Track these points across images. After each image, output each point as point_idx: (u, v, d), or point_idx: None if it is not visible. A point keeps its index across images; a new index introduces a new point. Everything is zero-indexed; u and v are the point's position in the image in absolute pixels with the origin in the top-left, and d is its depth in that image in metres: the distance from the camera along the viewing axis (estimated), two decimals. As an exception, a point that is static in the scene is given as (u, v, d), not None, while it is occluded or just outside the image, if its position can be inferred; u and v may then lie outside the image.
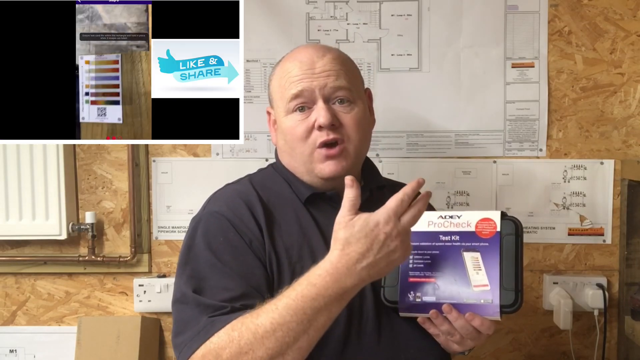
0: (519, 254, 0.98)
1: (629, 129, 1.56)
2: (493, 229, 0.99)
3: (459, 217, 1.02)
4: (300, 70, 1.08)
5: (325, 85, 1.07)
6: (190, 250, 1.04)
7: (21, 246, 1.66)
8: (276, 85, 1.13)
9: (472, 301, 0.96)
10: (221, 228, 1.03)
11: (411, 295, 0.99)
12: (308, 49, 1.12)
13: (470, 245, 0.99)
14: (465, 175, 1.59)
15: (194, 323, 0.94)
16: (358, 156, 1.12)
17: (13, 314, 1.68)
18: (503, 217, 1.01)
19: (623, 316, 1.54)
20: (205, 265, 1.01)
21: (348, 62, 1.13)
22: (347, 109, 1.09)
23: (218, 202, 1.09)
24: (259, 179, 1.15)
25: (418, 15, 1.57)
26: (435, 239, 1.01)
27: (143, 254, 1.64)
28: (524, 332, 1.61)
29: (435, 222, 1.02)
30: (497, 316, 0.96)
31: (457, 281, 0.98)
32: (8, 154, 1.56)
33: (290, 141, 1.10)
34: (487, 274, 0.97)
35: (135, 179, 1.62)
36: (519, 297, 0.96)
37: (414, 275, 1.00)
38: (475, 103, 1.57)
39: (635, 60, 1.55)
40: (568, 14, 1.55)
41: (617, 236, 1.57)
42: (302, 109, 1.08)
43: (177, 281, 1.03)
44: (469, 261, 0.99)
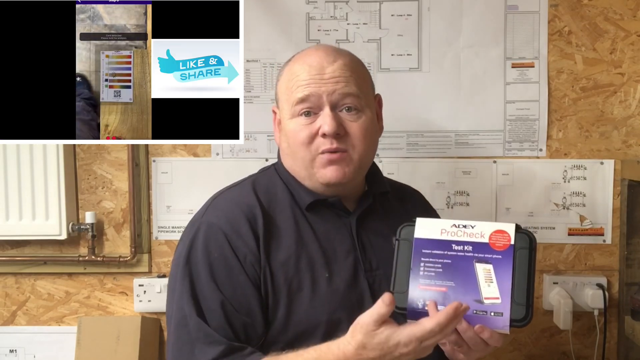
0: (532, 268, 0.97)
1: (629, 129, 1.56)
2: (507, 242, 0.98)
3: (473, 227, 1.00)
4: (308, 74, 1.05)
5: (333, 91, 1.04)
6: (187, 263, 1.03)
7: (21, 246, 1.66)
8: (283, 87, 1.10)
9: (482, 313, 0.95)
10: (217, 242, 1.03)
11: (420, 302, 0.97)
12: (319, 52, 1.08)
13: (483, 257, 0.98)
14: (465, 175, 1.59)
15: (197, 352, 0.97)
16: (362, 165, 1.09)
17: (13, 314, 1.68)
18: (517, 230, 0.99)
19: (623, 316, 1.54)
20: (203, 283, 1.01)
21: (359, 68, 1.10)
22: (354, 117, 1.06)
23: (217, 212, 1.07)
24: (261, 181, 1.13)
25: (418, 15, 1.57)
26: (447, 248, 0.99)
27: (143, 254, 1.64)
28: (524, 332, 1.61)
29: (449, 230, 1.01)
30: (507, 330, 0.95)
31: (468, 292, 0.96)
32: (8, 154, 1.56)
33: (292, 145, 1.08)
34: (499, 287, 0.95)
35: (135, 179, 1.62)
36: (529, 312, 0.95)
37: (425, 283, 0.98)
38: (475, 103, 1.57)
39: (635, 60, 1.55)
40: (568, 14, 1.55)
41: (617, 236, 1.57)
42: (307, 113, 1.05)
43: (175, 297, 1.03)
44: (481, 273, 0.97)
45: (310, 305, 1.02)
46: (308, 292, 1.03)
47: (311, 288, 1.03)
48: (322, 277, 1.04)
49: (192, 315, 0.99)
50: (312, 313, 1.02)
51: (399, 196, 1.23)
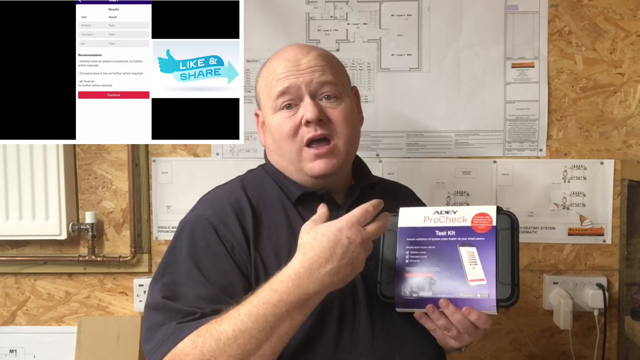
0: (515, 248, 0.98)
1: (629, 129, 1.56)
2: (489, 224, 1.00)
3: (455, 213, 1.02)
4: (285, 67, 1.08)
5: (311, 80, 1.07)
6: (171, 253, 1.04)
7: (21, 246, 1.66)
8: (262, 85, 1.12)
9: (469, 295, 0.96)
10: (204, 233, 1.03)
11: (408, 290, 0.99)
12: (292, 48, 1.12)
13: (467, 240, 1.00)
14: (465, 175, 1.59)
15: (164, 329, 0.94)
16: (348, 153, 1.11)
17: (13, 314, 1.68)
18: (499, 211, 1.01)
19: (623, 316, 1.54)
20: (183, 271, 1.00)
21: (333, 59, 1.13)
22: (334, 104, 1.08)
23: (204, 206, 1.09)
24: (249, 180, 1.15)
25: (418, 15, 1.57)
26: (431, 235, 1.01)
27: (143, 254, 1.64)
28: (524, 332, 1.61)
29: (431, 217, 1.03)
30: (494, 310, 0.96)
31: (454, 276, 0.98)
32: (8, 154, 1.56)
33: (278, 139, 1.09)
34: (483, 269, 0.97)
35: (135, 179, 1.62)
36: (515, 291, 0.96)
37: (411, 271, 1.00)
38: (475, 103, 1.57)
39: (635, 60, 1.55)
40: (568, 14, 1.55)
41: (617, 236, 1.57)
42: (289, 106, 1.07)
43: (152, 287, 1.02)
44: (465, 256, 0.99)
45: None
46: None
47: None
48: None
49: (160, 297, 0.97)
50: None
51: (387, 190, 1.24)
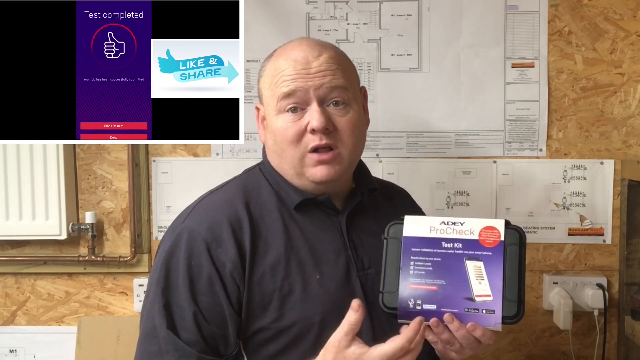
0: (522, 265, 0.96)
1: (629, 129, 1.56)
2: (497, 238, 0.97)
3: (462, 224, 0.99)
4: (294, 69, 1.02)
5: (321, 85, 1.01)
6: (167, 271, 1.00)
7: (21, 246, 1.66)
8: (267, 82, 1.07)
9: (474, 311, 0.94)
10: (196, 251, 1.00)
11: (411, 302, 0.96)
12: (303, 47, 1.05)
13: (474, 254, 0.97)
14: (465, 175, 1.59)
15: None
16: (352, 161, 1.07)
17: (13, 314, 1.68)
18: (507, 226, 0.99)
19: (623, 316, 1.54)
20: (182, 299, 0.98)
21: (345, 60, 1.08)
22: (343, 112, 1.03)
23: (199, 218, 1.04)
24: (247, 184, 1.10)
25: (418, 15, 1.57)
26: (437, 246, 0.98)
27: (143, 254, 1.64)
28: (524, 332, 1.61)
29: (438, 228, 0.99)
30: (499, 327, 0.94)
31: (459, 290, 0.95)
32: (8, 154, 1.56)
33: (280, 142, 1.04)
34: (490, 284, 0.95)
35: (135, 179, 1.62)
36: (521, 309, 0.94)
37: (415, 282, 0.97)
38: (475, 103, 1.57)
39: (635, 60, 1.55)
40: (568, 14, 1.55)
41: (617, 236, 1.57)
42: (294, 109, 1.02)
43: (150, 305, 1.00)
44: (472, 270, 0.96)
45: (302, 307, 1.00)
46: (299, 294, 1.00)
47: (302, 290, 1.01)
48: (313, 279, 1.02)
49: (163, 326, 0.96)
50: (304, 315, 1.00)
51: (385, 194, 1.22)
